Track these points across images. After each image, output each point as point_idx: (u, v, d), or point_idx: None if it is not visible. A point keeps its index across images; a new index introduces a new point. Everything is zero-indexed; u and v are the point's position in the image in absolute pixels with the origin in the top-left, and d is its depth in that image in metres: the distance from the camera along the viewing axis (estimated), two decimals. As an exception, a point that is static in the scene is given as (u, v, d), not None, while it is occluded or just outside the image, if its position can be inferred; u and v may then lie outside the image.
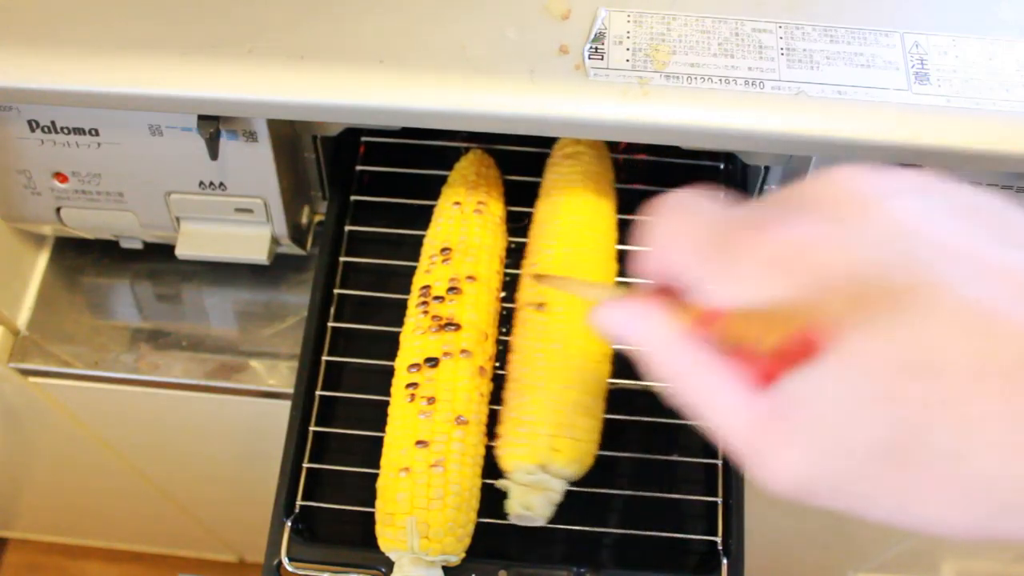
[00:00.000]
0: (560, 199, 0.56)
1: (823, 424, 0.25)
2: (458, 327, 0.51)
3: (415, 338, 0.51)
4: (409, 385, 0.49)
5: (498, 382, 0.53)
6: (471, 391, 0.50)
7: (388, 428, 0.50)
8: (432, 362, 0.50)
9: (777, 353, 0.25)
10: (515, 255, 0.58)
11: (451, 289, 0.52)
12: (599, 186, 0.56)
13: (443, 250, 0.54)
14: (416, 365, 0.50)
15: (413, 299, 0.53)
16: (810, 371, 0.25)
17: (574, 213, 0.55)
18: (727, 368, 0.27)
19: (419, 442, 0.48)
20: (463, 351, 0.50)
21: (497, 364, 0.54)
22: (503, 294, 0.56)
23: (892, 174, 0.28)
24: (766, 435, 0.26)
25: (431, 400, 0.49)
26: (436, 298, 0.52)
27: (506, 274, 0.57)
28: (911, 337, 0.23)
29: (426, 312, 0.52)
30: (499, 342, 0.55)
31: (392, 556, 0.47)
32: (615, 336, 0.31)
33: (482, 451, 0.50)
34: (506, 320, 0.56)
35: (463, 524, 0.47)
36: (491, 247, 0.55)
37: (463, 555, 0.47)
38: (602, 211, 0.56)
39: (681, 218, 0.30)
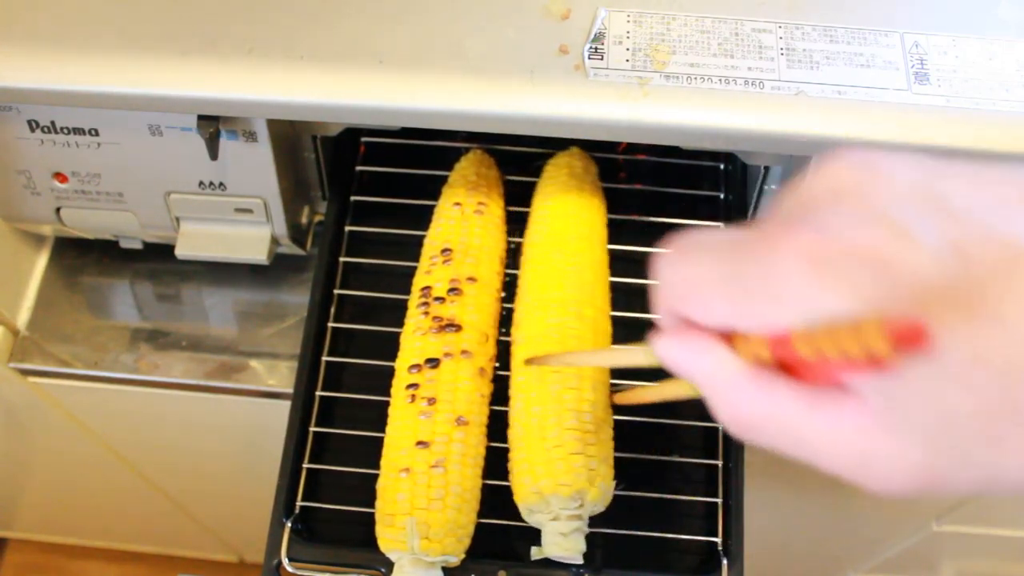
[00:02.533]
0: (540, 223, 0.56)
1: (941, 413, 0.24)
2: (459, 328, 0.51)
3: (416, 339, 0.51)
4: (410, 386, 0.49)
5: (499, 382, 0.53)
6: (472, 392, 0.50)
7: (388, 429, 0.50)
8: (433, 363, 0.50)
9: (878, 355, 0.24)
10: (515, 256, 0.58)
11: (452, 290, 0.52)
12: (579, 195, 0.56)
13: (444, 251, 0.54)
14: (417, 366, 0.50)
15: (413, 299, 0.53)
16: (916, 368, 0.24)
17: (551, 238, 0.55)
18: (805, 394, 0.26)
19: (420, 443, 0.47)
20: (464, 352, 0.50)
21: (498, 364, 0.54)
22: (503, 295, 0.56)
23: (882, 156, 0.27)
24: (877, 441, 0.25)
25: (432, 401, 0.49)
26: (437, 299, 0.52)
27: (506, 275, 0.57)
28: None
29: (427, 313, 0.52)
30: (499, 343, 0.55)
31: (392, 557, 0.47)
32: (678, 372, 0.29)
33: (482, 452, 0.50)
34: (506, 321, 0.56)
35: (463, 525, 0.47)
36: (492, 248, 0.55)
37: (463, 556, 0.47)
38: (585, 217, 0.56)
39: (688, 264, 0.28)
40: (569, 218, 0.55)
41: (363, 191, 0.61)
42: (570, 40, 0.47)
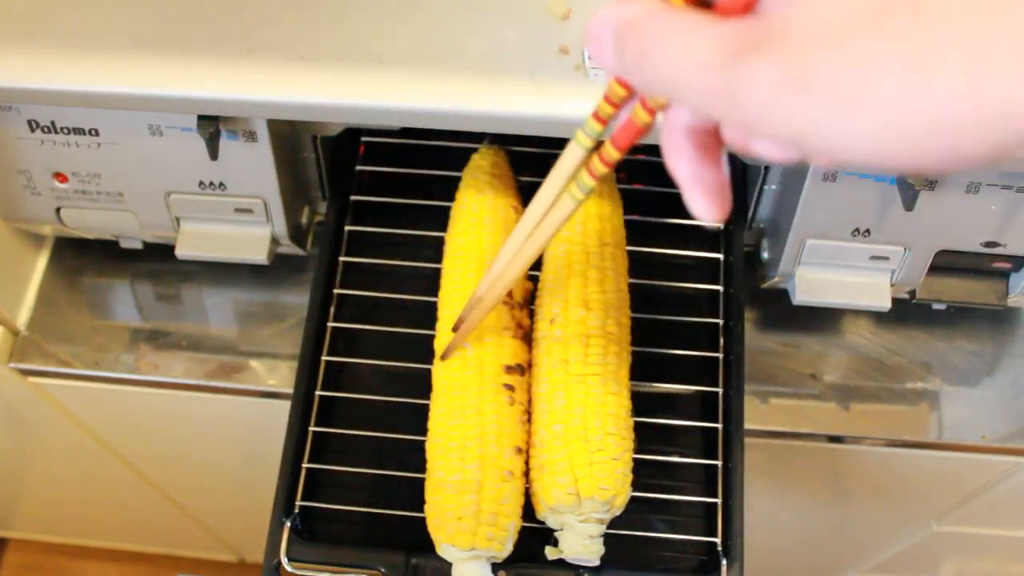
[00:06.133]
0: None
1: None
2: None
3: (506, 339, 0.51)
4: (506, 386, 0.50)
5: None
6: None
7: (481, 422, 0.48)
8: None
9: None
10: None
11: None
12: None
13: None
14: (512, 367, 0.50)
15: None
16: None
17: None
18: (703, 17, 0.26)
19: (518, 448, 0.48)
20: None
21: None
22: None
23: None
24: (747, 45, 0.24)
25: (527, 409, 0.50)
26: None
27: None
28: None
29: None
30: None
31: (458, 554, 0.46)
32: (600, 42, 0.29)
33: None
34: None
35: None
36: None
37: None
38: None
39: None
40: None
41: (363, 191, 0.61)
42: (570, 40, 0.47)
